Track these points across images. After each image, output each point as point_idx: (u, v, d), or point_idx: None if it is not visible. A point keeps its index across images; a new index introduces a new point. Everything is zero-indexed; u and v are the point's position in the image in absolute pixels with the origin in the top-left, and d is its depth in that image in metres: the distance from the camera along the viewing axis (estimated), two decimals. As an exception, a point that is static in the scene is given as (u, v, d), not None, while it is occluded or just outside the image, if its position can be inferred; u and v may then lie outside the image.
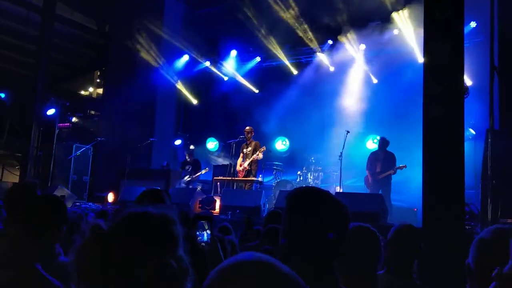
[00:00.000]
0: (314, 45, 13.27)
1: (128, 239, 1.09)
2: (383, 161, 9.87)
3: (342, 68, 13.26)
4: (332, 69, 13.44)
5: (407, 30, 11.75)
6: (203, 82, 15.46)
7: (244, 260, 0.94)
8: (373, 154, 10.21)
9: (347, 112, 12.26)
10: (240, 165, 10.74)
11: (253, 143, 10.76)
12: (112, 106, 14.83)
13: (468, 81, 9.67)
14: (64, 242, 3.24)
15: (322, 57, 13.47)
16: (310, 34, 13.03)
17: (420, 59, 10.94)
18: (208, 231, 2.29)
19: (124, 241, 1.08)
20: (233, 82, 15.15)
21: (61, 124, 13.94)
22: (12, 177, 13.23)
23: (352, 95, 12.60)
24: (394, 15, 11.77)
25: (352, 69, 13.13)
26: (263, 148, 10.70)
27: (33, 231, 2.06)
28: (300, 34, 13.11)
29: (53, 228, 2.11)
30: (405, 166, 9.64)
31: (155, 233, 1.11)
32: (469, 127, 9.90)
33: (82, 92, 20.73)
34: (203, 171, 11.94)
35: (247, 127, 11.00)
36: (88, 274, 1.06)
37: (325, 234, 1.55)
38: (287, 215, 1.63)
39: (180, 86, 15.35)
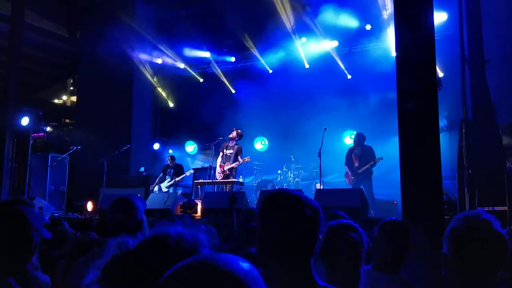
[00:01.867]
0: (288, 42, 13.30)
1: (157, 258, 1.06)
2: (360, 156, 9.98)
3: (317, 64, 13.32)
4: (307, 66, 13.49)
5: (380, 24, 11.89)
6: (178, 85, 15.37)
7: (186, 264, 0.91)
8: (351, 150, 10.32)
9: (324, 109, 12.33)
10: (220, 166, 10.64)
11: (235, 147, 10.61)
12: (87, 113, 14.64)
13: (440, 73, 9.83)
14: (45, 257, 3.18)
15: (296, 55, 13.51)
16: (283, 32, 13.05)
17: (394, 53, 11.08)
18: None
19: (153, 261, 1.05)
20: (209, 83, 15.12)
21: (35, 134, 13.69)
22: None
23: (328, 92, 12.68)
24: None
25: (326, 66, 13.20)
26: (247, 159, 10.53)
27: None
28: (273, 32, 13.12)
29: (19, 241, 2.04)
30: (381, 158, 9.76)
31: (185, 254, 1.08)
32: (443, 118, 10.06)
33: (56, 101, 20.42)
34: (188, 173, 11.80)
35: (238, 131, 10.77)
36: None
37: (296, 237, 1.56)
38: (259, 220, 1.64)
39: (155, 89, 15.25)
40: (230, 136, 10.68)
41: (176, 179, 11.44)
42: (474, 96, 7.95)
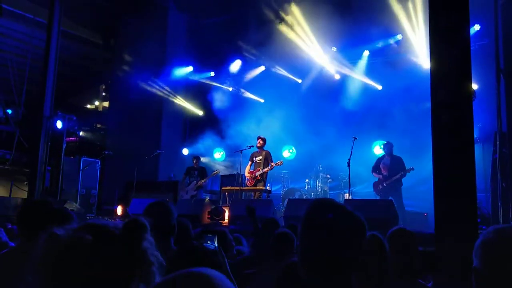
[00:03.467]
0: (318, 52, 13.28)
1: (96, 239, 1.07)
2: (390, 166, 9.84)
3: (347, 75, 13.28)
4: (337, 77, 13.45)
5: (411, 35, 11.78)
6: (208, 92, 15.50)
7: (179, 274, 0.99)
8: (380, 159, 10.19)
9: (354, 118, 12.26)
10: (250, 173, 10.69)
11: (263, 152, 10.70)
12: (119, 119, 14.91)
13: (474, 85, 9.64)
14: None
15: (326, 65, 13.47)
16: (313, 41, 13.06)
17: (425, 64, 10.95)
18: (216, 244, 2.30)
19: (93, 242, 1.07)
20: (238, 91, 15.22)
21: (68, 139, 14.02)
22: (21, 193, 13.28)
23: (358, 102, 12.60)
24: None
25: (357, 76, 13.15)
26: (281, 162, 10.56)
27: None
28: (303, 42, 13.15)
29: None
30: (412, 169, 9.57)
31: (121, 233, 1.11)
32: (476, 129, 9.86)
33: (88, 106, 20.85)
34: (214, 173, 11.85)
35: (261, 137, 10.95)
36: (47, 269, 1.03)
37: (342, 249, 1.55)
38: (302, 231, 1.62)
39: (184, 97, 15.43)
40: (258, 144, 10.78)
41: (202, 181, 11.48)
42: (509, 108, 7.78)
